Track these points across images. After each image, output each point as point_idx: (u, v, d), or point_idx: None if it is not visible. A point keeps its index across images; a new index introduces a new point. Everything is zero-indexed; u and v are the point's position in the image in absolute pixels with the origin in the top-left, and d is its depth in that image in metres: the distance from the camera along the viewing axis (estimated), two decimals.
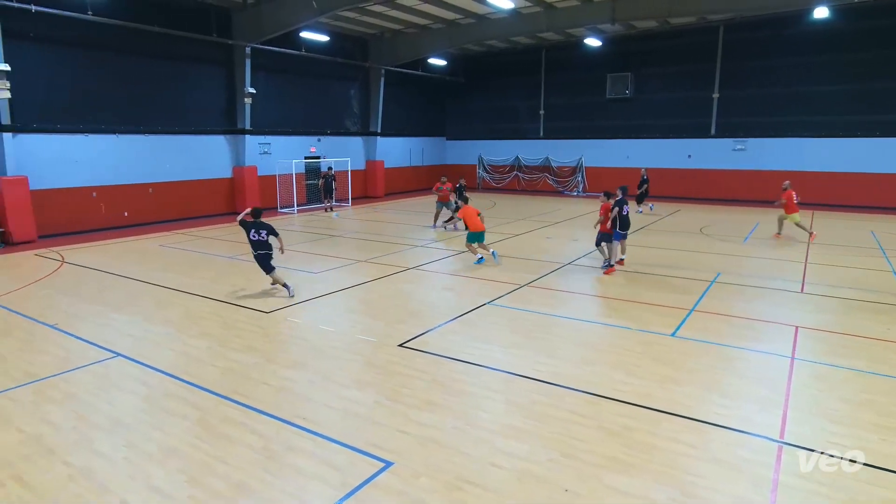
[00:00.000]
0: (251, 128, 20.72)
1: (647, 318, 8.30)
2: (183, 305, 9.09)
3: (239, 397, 5.74)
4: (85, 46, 16.18)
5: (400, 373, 6.36)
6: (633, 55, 25.65)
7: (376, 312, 8.68)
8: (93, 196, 16.73)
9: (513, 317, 8.48)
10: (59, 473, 4.44)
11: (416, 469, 4.47)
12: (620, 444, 4.82)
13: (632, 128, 26.52)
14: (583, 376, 6.24)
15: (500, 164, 30.57)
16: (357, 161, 26.14)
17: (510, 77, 29.43)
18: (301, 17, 18.33)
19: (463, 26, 23.36)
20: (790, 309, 8.88)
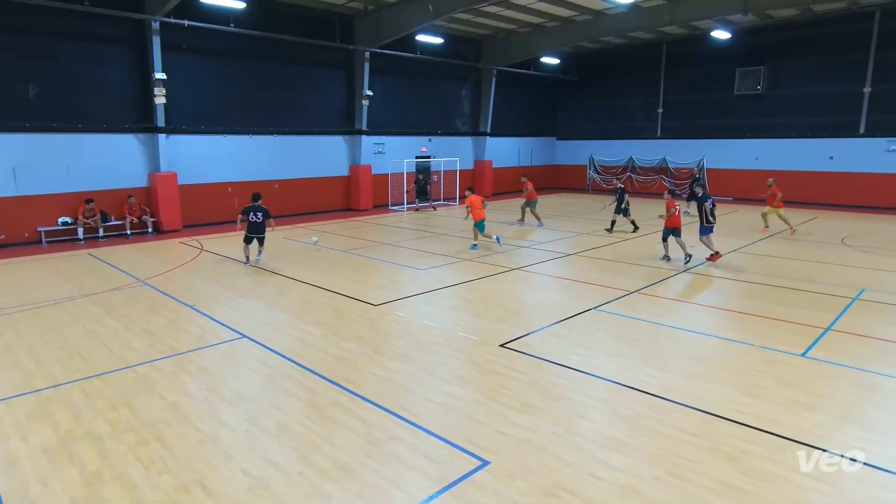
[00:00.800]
0: (367, 128, 21.74)
1: (774, 335, 7.58)
2: (301, 294, 9.76)
3: (347, 384, 6.06)
4: (226, 55, 17.90)
5: (500, 372, 6.35)
6: (768, 47, 23.49)
7: (479, 311, 8.74)
8: (228, 191, 18.47)
9: (620, 324, 8.14)
10: (191, 438, 4.96)
11: (513, 471, 4.44)
12: (736, 470, 4.45)
13: (762, 126, 24.32)
14: (695, 392, 5.84)
15: (612, 164, 29.44)
16: (466, 161, 26.47)
17: (626, 74, 28.22)
18: (418, 20, 18.91)
19: (578, 23, 22.77)
20: None
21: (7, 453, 4.73)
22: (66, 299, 9.46)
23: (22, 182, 14.42)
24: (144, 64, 15.97)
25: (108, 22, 15.23)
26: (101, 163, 15.72)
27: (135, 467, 4.51)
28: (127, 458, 4.65)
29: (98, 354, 6.98)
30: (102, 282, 10.67)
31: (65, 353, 7.04)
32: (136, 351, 7.09)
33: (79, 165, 15.31)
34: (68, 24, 14.68)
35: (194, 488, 4.23)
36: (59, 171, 15.02)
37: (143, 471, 4.46)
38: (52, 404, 5.63)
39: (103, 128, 15.68)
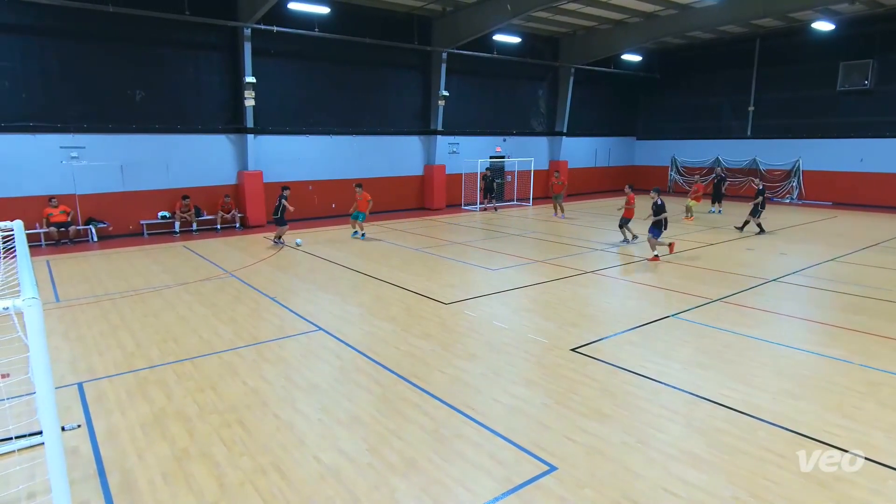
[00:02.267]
0: (442, 128, 21.95)
1: (878, 352, 6.93)
2: (374, 290, 10.01)
3: (416, 380, 6.15)
4: (309, 59, 18.67)
5: (569, 377, 6.22)
6: (878, 38, 21.48)
7: (550, 314, 8.60)
8: (309, 189, 19.27)
9: (700, 333, 7.73)
10: (269, 423, 5.22)
11: (581, 478, 4.33)
12: (827, 498, 4.10)
13: (870, 125, 22.26)
14: (783, 411, 5.45)
15: (696, 165, 28.01)
16: (541, 161, 26.11)
17: (713, 71, 26.73)
18: (495, 20, 18.86)
19: (662, 18, 21.82)
20: None
21: (109, 426, 5.18)
22: (163, 287, 10.24)
23: (128, 179, 15.76)
24: (236, 68, 16.96)
25: (205, 30, 16.32)
26: (196, 161, 16.88)
27: (218, 447, 4.80)
28: (211, 437, 4.96)
29: (189, 339, 7.49)
30: (194, 272, 11.45)
31: (160, 336, 7.62)
32: (223, 338, 7.55)
33: (176, 164, 16.53)
34: (170, 33, 15.86)
35: (270, 471, 4.45)
36: (160, 168, 16.28)
37: (226, 451, 4.74)
38: (149, 384, 6.10)
39: (198, 129, 16.83)
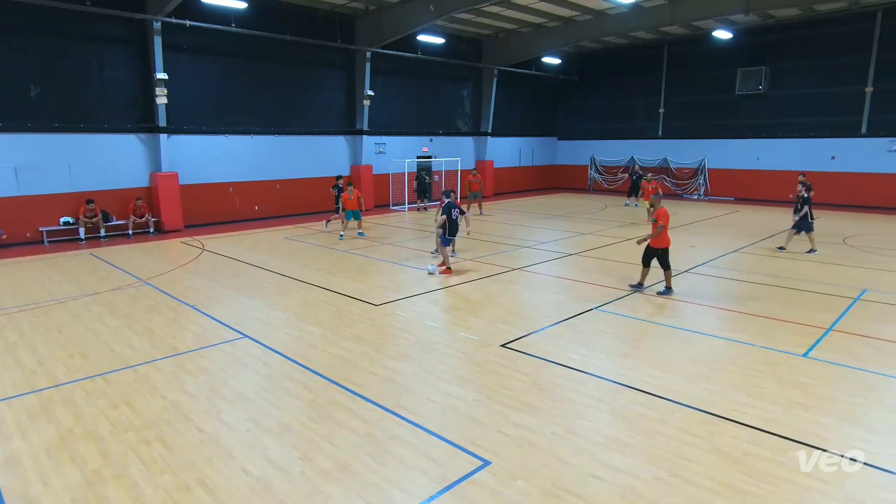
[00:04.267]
0: (368, 128, 21.74)
1: (776, 335, 7.57)
2: (301, 294, 9.76)
3: (347, 383, 6.05)
4: (227, 55, 17.91)
5: (500, 373, 6.35)
6: (769, 47, 23.47)
7: (480, 311, 8.74)
8: (229, 191, 18.49)
9: (622, 324, 8.13)
10: (192, 437, 4.96)
11: (514, 471, 4.43)
12: (739, 472, 4.44)
13: (764, 126, 24.29)
14: (697, 393, 5.83)
15: (613, 164, 29.43)
16: (467, 161, 26.46)
17: (627, 74, 28.19)
18: (419, 20, 18.91)
19: (579, 23, 22.76)
20: None
21: (8, 453, 4.73)
22: (67, 299, 9.47)
23: (24, 182, 14.43)
24: (146, 64, 15.98)
25: (110, 22, 15.24)
26: (103, 163, 15.73)
27: (136, 466, 4.51)
28: (128, 456, 4.65)
29: (99, 354, 6.98)
30: (104, 281, 10.68)
31: (66, 352, 7.04)
32: (138, 350, 7.09)
33: (80, 165, 15.32)
34: (70, 25, 14.69)
35: (195, 487, 4.23)
36: (61, 171, 15.03)
37: (145, 470, 4.46)
38: (54, 404, 5.63)
39: (105, 128, 15.69)
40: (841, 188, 22.30)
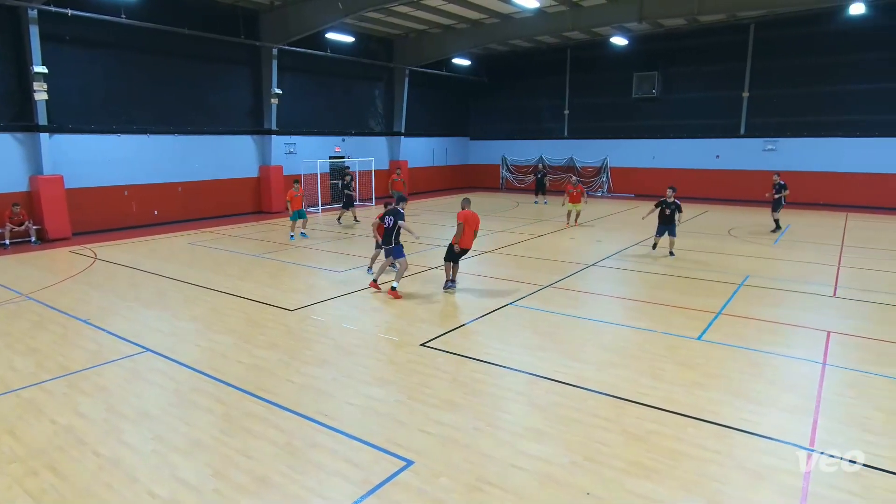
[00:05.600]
0: (277, 128, 21.01)
1: (674, 321, 8.16)
2: (209, 302, 9.25)
3: (263, 393, 5.82)
4: (118, 49, 16.60)
5: (421, 372, 6.37)
6: (661, 54, 25.27)
7: (399, 311, 8.72)
8: (124, 195, 17.16)
9: (536, 318, 8.42)
10: (89, 463, 4.56)
11: (437, 469, 4.47)
12: (645, 450, 4.74)
13: (658, 128, 26.13)
14: (607, 379, 6.17)
15: (523, 164, 30.42)
16: (381, 161, 26.30)
17: (534, 77, 29.26)
18: (326, 18, 18.53)
19: (487, 26, 23.31)
20: (822, 313, 8.63)
21: None
22: None
23: None
24: (21, 56, 14.45)
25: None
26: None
27: (23, 500, 4.08)
28: (12, 491, 4.19)
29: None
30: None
31: None
32: (20, 372, 6.41)
33: None
34: None
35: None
36: None
37: (33, 503, 4.04)
38: None
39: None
40: (724, 184, 24.46)
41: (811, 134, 22.60)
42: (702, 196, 24.22)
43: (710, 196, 24.35)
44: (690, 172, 25.13)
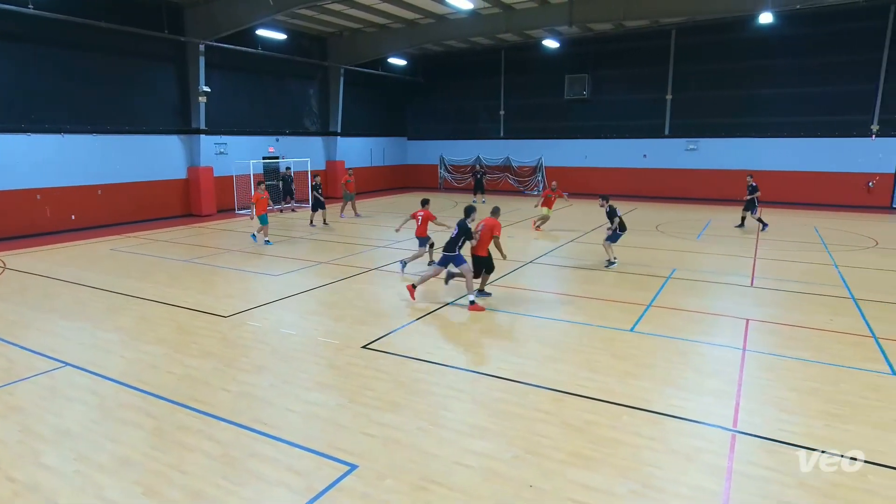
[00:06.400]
0: (206, 127, 20.15)
1: (608, 315, 8.48)
2: (136, 311, 8.76)
3: (196, 404, 5.57)
4: (27, 42, 15.41)
5: (363, 374, 6.30)
6: (590, 57, 26.18)
7: (339, 314, 8.58)
8: (37, 199, 15.95)
9: (477, 316, 8.51)
10: (3, 490, 4.21)
11: (381, 471, 4.43)
12: (584, 440, 4.90)
13: (590, 128, 27.06)
14: (546, 374, 6.33)
15: (461, 164, 30.70)
16: (317, 161, 25.79)
17: (470, 77, 29.59)
18: (257, 14, 17.97)
19: (422, 26, 23.35)
20: (741, 303, 9.22)
21: None
22: None
23: None
24: None
25: None
26: None
27: None
28: None
29: None
30: None
31: None
32: None
33: None
34: None
35: None
36: None
37: None
38: None
39: None
40: (652, 182, 25.67)
41: (728, 134, 24.10)
42: (631, 194, 25.30)
43: (638, 193, 25.46)
44: (620, 171, 26.23)
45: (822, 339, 7.44)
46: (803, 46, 22.03)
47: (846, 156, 22.12)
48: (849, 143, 22.05)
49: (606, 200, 12.04)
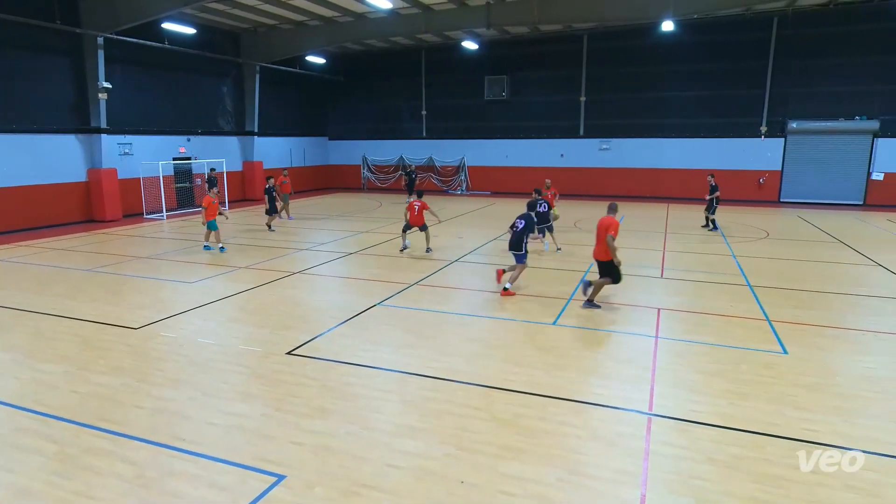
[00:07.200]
0: (108, 126, 18.77)
1: (532, 309, 8.74)
2: (31, 327, 8.01)
3: (106, 424, 5.19)
4: None
5: (288, 381, 6.12)
6: (509, 59, 26.84)
7: (261, 321, 8.28)
8: None
9: (404, 316, 8.50)
10: None
11: (310, 479, 4.33)
12: (512, 432, 5.02)
13: (510, 129, 27.75)
14: (474, 370, 6.42)
15: (384, 164, 30.52)
16: (233, 162, 24.75)
17: (392, 77, 29.48)
18: (162, 6, 16.98)
19: (341, 24, 22.97)
20: (652, 293, 9.81)
21: None
22: None
23: None
24: None
25: None
26: None
27: None
28: None
29: None
30: None
31: None
32: None
33: None
34: None
35: None
36: None
37: None
38: None
39: None
40: (570, 181, 26.63)
41: (637, 135, 25.54)
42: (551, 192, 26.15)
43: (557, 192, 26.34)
44: (539, 170, 26.99)
45: (724, 324, 8.06)
46: (701, 53, 23.76)
47: (740, 155, 24.09)
48: (742, 143, 24.03)
49: (539, 193, 13.69)
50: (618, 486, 4.25)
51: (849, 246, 14.21)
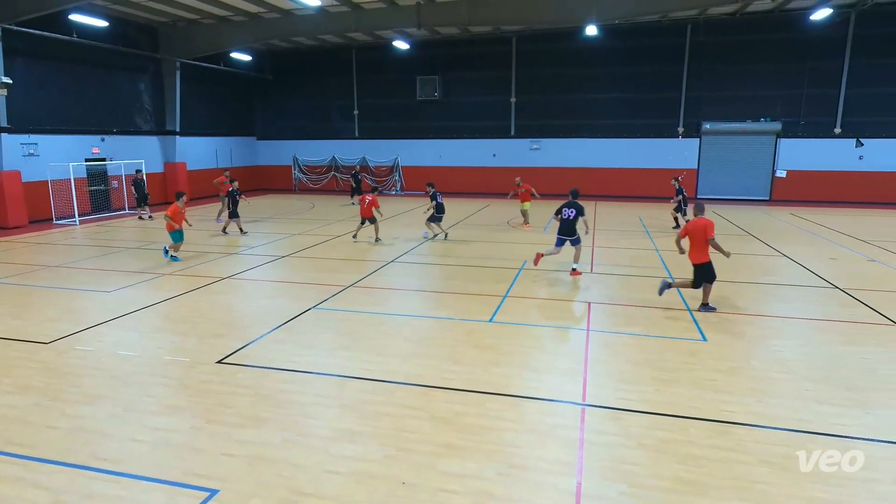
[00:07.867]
0: (9, 125, 17.28)
1: (469, 307, 8.83)
2: None
3: (14, 448, 4.77)
4: None
5: (219, 391, 5.87)
6: (440, 59, 26.98)
7: (188, 329, 7.89)
8: None
9: (340, 319, 8.37)
10: None
11: (246, 491, 4.17)
12: (452, 430, 5.05)
13: (443, 128, 27.90)
14: (413, 370, 6.41)
15: (316, 164, 29.90)
16: (154, 163, 23.46)
17: (322, 76, 28.92)
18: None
19: (268, 20, 22.28)
20: (584, 288, 10.16)
21: None
22: None
23: None
24: None
25: None
26: None
27: None
28: None
29: None
30: None
31: None
32: None
33: None
34: None
35: None
36: None
37: None
38: None
39: None
40: (502, 180, 27.10)
41: (566, 135, 26.37)
42: (483, 191, 26.61)
43: (490, 191, 26.81)
44: (473, 170, 27.44)
45: (649, 315, 8.47)
46: (624, 57, 24.86)
47: (659, 154, 25.39)
48: (661, 143, 25.35)
49: (432, 186, 15.04)
50: (555, 477, 4.37)
51: (757, 238, 15.32)
